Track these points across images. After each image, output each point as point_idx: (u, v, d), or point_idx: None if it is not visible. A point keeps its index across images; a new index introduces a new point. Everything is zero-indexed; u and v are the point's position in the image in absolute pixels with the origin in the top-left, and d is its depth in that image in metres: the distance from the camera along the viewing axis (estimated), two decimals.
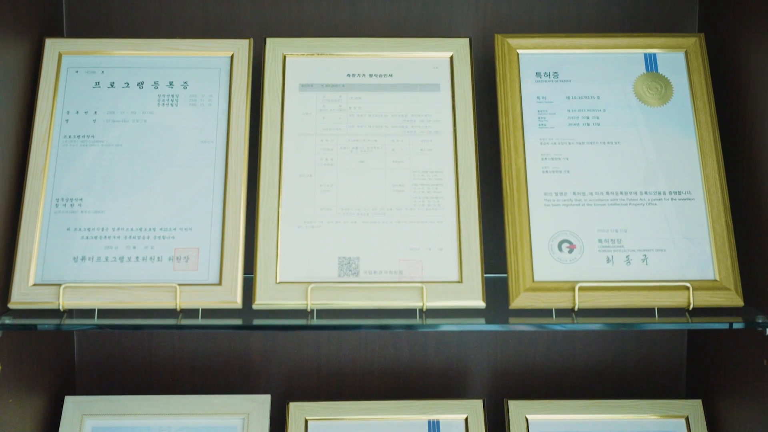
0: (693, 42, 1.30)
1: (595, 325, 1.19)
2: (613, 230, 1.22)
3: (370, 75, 1.29)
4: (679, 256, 1.21)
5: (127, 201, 1.22)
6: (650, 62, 1.29)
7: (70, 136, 1.24)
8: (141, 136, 1.24)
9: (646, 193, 1.23)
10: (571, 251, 1.21)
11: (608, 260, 1.21)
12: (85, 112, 1.25)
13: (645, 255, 1.21)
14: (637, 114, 1.27)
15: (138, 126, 1.25)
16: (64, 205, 1.21)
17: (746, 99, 1.24)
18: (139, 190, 1.22)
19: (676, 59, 1.30)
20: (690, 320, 1.17)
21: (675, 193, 1.23)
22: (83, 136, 1.24)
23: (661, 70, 1.29)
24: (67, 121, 1.25)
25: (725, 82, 1.29)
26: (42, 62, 1.27)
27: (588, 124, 1.27)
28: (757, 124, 1.21)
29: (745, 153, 1.24)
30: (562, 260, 1.20)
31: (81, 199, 1.21)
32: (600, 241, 1.21)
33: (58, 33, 1.37)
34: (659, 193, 1.23)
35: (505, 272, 1.20)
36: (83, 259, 1.19)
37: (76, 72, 1.27)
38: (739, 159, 1.25)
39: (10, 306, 1.16)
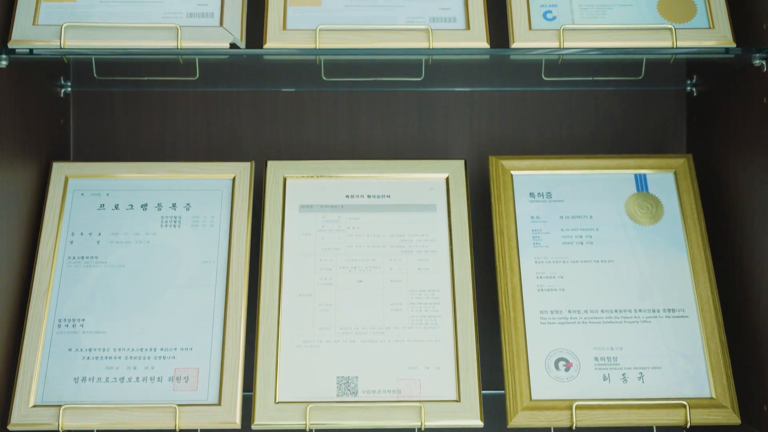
0: (682, 162, 1.34)
1: None
2: (609, 348, 1.23)
3: (369, 196, 1.32)
4: (675, 374, 1.22)
5: (128, 321, 1.23)
6: (641, 182, 1.33)
7: (74, 257, 1.26)
8: (144, 257, 1.27)
9: (640, 310, 1.25)
10: (567, 369, 1.22)
11: (605, 378, 1.22)
12: (90, 234, 1.28)
13: (641, 373, 1.22)
14: (630, 233, 1.30)
15: (141, 247, 1.27)
16: (66, 325, 1.23)
17: (735, 217, 1.27)
18: (141, 310, 1.24)
19: (666, 179, 1.34)
20: None
21: (669, 310, 1.25)
22: (87, 257, 1.27)
23: (651, 190, 1.33)
24: (71, 242, 1.27)
25: (714, 201, 1.33)
26: (49, 185, 1.30)
27: (581, 243, 1.29)
28: (746, 242, 1.24)
29: (736, 270, 1.26)
30: (559, 378, 1.21)
31: (83, 320, 1.23)
32: (596, 359, 1.22)
33: (65, 156, 1.41)
34: (654, 311, 1.25)
35: (503, 388, 1.21)
36: (84, 379, 1.20)
37: (82, 194, 1.30)
38: (730, 276, 1.28)
39: (10, 428, 1.16)
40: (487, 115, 1.45)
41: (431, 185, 1.33)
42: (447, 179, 1.33)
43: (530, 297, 1.26)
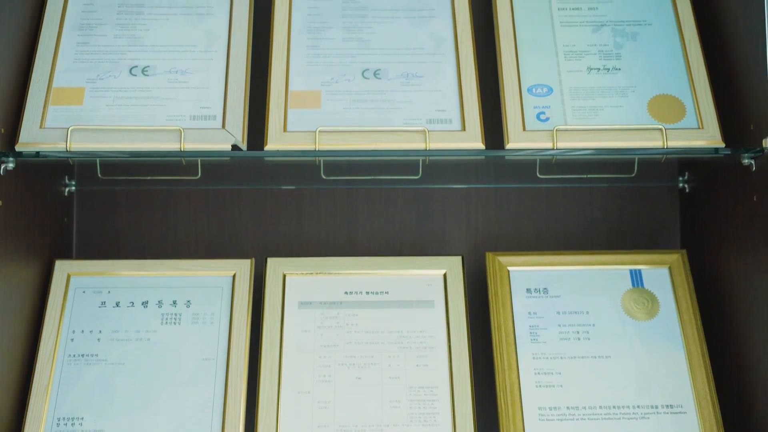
0: (676, 258, 1.36)
1: None
2: None
3: (367, 292, 1.34)
4: None
5: (127, 419, 1.23)
6: (636, 278, 1.35)
7: (74, 355, 1.27)
8: (144, 355, 1.27)
9: (638, 407, 1.25)
10: None
11: None
12: (90, 331, 1.29)
13: None
14: (626, 328, 1.31)
15: (141, 344, 1.28)
16: (65, 424, 1.23)
17: (730, 313, 1.28)
18: (140, 408, 1.24)
19: (661, 275, 1.35)
20: None
21: (667, 406, 1.25)
22: (87, 355, 1.27)
23: (646, 286, 1.34)
24: (72, 340, 1.28)
25: (710, 296, 1.34)
26: (51, 282, 1.32)
27: (579, 339, 1.30)
28: (742, 338, 1.24)
29: (733, 365, 1.27)
30: None
31: (82, 419, 1.23)
32: None
33: (67, 253, 1.43)
34: (652, 407, 1.25)
35: None
36: None
37: (84, 292, 1.32)
38: (727, 371, 1.28)
39: None
40: (483, 211, 1.48)
41: (429, 281, 1.35)
42: (444, 275, 1.35)
43: (528, 393, 1.26)
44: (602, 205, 1.48)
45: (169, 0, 1.34)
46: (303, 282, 1.34)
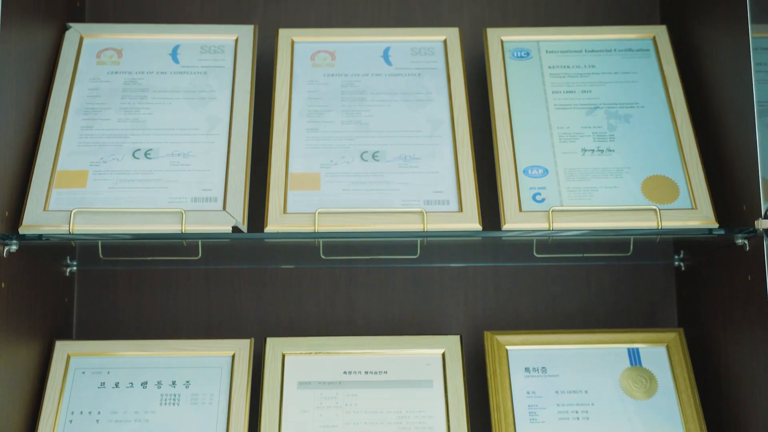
0: (673, 337, 1.37)
1: None
2: None
3: (366, 372, 1.34)
4: None
5: None
6: (634, 357, 1.35)
7: None
8: None
9: None
10: None
11: None
12: (89, 413, 1.29)
13: None
14: (625, 407, 1.31)
15: (140, 426, 1.28)
16: None
17: (728, 391, 1.28)
18: None
19: (659, 353, 1.36)
20: None
21: None
22: None
23: (644, 364, 1.35)
24: (71, 421, 1.28)
25: (708, 375, 1.34)
26: (51, 363, 1.32)
27: (578, 419, 1.30)
28: (741, 417, 1.24)
29: None
30: None
31: None
32: None
33: (67, 332, 1.44)
34: None
35: None
36: None
37: (83, 373, 1.32)
38: None
39: None
40: (481, 290, 1.49)
41: (428, 361, 1.35)
42: (443, 355, 1.35)
43: None
44: (599, 283, 1.49)
45: (173, 84, 1.37)
46: (302, 362, 1.34)
